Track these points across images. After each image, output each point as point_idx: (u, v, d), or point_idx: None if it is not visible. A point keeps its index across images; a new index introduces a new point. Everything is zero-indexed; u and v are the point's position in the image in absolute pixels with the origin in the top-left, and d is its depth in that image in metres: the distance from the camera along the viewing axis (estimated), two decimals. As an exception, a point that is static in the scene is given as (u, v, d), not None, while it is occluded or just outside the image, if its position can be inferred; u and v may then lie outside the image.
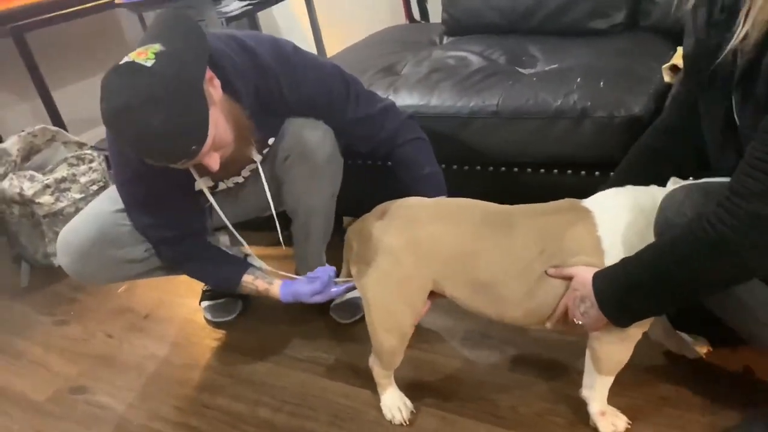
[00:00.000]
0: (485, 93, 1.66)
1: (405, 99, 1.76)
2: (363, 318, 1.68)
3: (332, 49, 2.86)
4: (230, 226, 1.54)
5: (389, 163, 1.57)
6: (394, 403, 1.38)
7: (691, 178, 1.18)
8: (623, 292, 1.05)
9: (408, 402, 1.39)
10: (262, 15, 3.35)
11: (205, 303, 1.87)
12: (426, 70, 1.88)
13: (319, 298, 1.45)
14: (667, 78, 1.63)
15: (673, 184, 1.15)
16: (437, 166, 1.54)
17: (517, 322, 1.23)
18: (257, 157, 1.48)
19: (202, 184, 1.44)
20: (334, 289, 1.44)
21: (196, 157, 1.21)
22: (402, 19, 3.01)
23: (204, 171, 1.33)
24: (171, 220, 1.49)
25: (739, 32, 0.93)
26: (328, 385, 1.53)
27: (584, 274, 1.11)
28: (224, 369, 1.65)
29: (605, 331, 1.14)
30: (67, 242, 1.49)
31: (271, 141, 1.52)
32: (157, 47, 1.16)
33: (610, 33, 1.93)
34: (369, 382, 1.47)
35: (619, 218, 1.14)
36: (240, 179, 1.57)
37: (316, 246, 1.66)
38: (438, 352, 1.55)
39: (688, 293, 1.02)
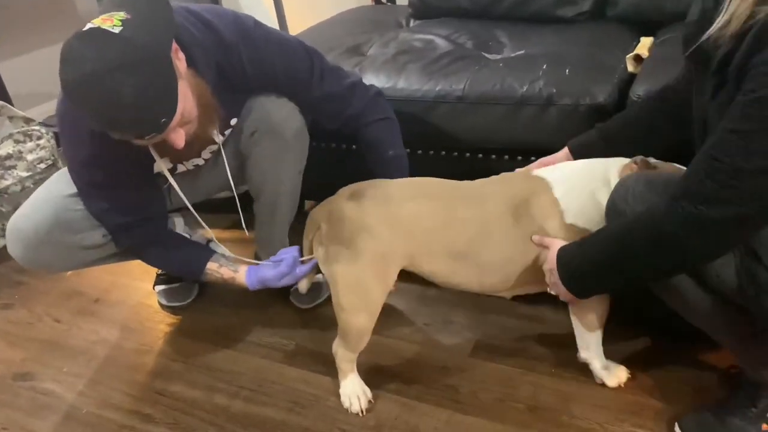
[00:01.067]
0: (452, 77, 1.64)
1: (371, 80, 1.72)
2: (323, 303, 1.68)
3: (296, 28, 2.79)
4: (192, 210, 1.48)
5: (355, 142, 1.53)
6: (354, 391, 1.36)
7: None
8: (579, 270, 1.12)
9: (368, 391, 1.37)
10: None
11: (160, 287, 1.81)
12: (392, 52, 1.85)
13: (287, 280, 1.42)
14: (630, 68, 1.64)
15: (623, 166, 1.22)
16: (402, 148, 1.52)
17: (495, 288, 1.31)
18: (219, 138, 1.43)
19: (162, 166, 1.37)
20: (300, 269, 1.41)
21: (163, 132, 1.15)
22: (368, 0, 2.96)
23: (164, 151, 1.28)
24: (129, 205, 1.42)
25: (719, 20, 0.93)
26: (286, 371, 1.50)
27: (555, 249, 1.18)
28: (178, 355, 1.60)
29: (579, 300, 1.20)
30: (19, 229, 1.41)
31: (233, 122, 1.46)
32: (123, 15, 1.10)
33: (576, 21, 1.94)
34: (329, 369, 1.45)
35: (571, 182, 1.24)
36: (200, 161, 1.51)
37: (281, 226, 1.61)
38: (399, 337, 1.54)
39: (635, 278, 1.09)
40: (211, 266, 1.48)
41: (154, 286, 1.82)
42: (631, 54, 1.66)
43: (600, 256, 1.08)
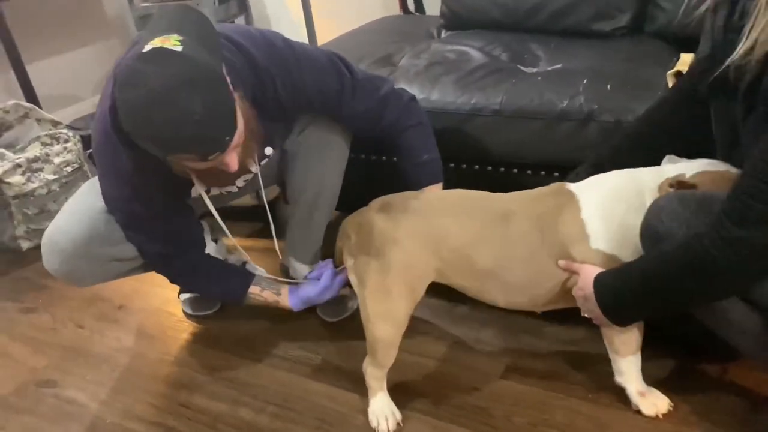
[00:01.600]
0: (488, 90, 1.61)
1: (403, 92, 1.69)
2: (350, 317, 1.65)
3: (323, 37, 2.78)
4: (228, 234, 1.45)
5: (386, 151, 1.55)
6: (382, 411, 1.32)
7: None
8: (620, 298, 1.11)
9: (396, 411, 1.33)
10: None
11: (185, 295, 1.79)
12: (425, 63, 1.82)
13: (329, 294, 1.43)
14: (671, 84, 1.60)
15: (668, 161, 1.22)
16: (436, 151, 1.51)
17: (523, 306, 1.30)
18: (255, 168, 1.41)
19: (201, 190, 1.35)
20: (338, 280, 1.41)
21: (225, 151, 1.13)
22: (396, 10, 2.94)
23: (204, 179, 1.30)
24: (169, 235, 1.41)
25: (740, 47, 0.95)
26: (312, 387, 1.46)
27: (588, 275, 1.16)
28: (203, 366, 1.57)
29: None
30: (55, 242, 1.39)
31: (268, 151, 1.45)
32: (177, 36, 1.09)
33: (613, 36, 1.90)
34: (356, 386, 1.42)
35: (602, 203, 1.19)
36: (234, 188, 1.52)
37: (318, 228, 1.59)
38: (428, 356, 1.50)
39: (680, 305, 1.08)
40: (254, 290, 1.48)
41: (179, 294, 1.80)
42: (672, 71, 1.62)
43: (642, 285, 1.06)
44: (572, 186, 1.25)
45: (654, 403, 1.26)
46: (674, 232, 1.03)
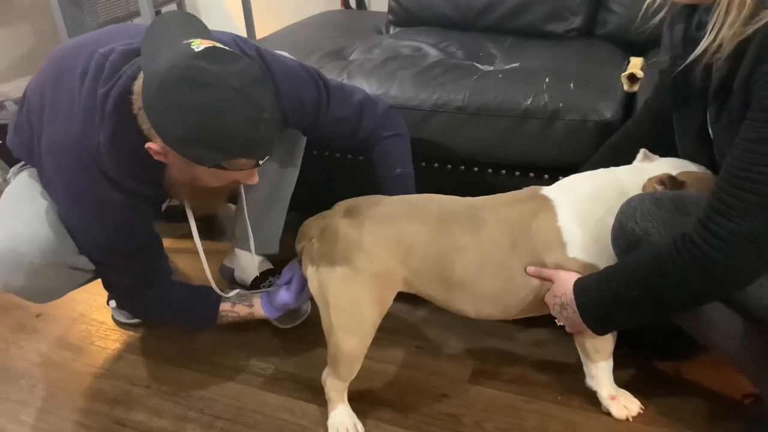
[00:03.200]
0: (449, 86, 1.56)
1: (361, 86, 1.61)
2: (304, 323, 1.54)
3: (262, 31, 2.65)
4: (206, 266, 1.37)
5: (358, 153, 1.52)
6: (343, 423, 1.23)
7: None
8: (606, 305, 1.06)
9: (359, 424, 1.24)
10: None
11: (115, 302, 1.62)
12: (380, 58, 1.75)
13: (303, 298, 1.36)
14: (626, 87, 1.62)
15: (643, 157, 1.20)
16: (410, 165, 1.45)
17: (495, 318, 1.24)
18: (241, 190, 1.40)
19: (189, 216, 1.31)
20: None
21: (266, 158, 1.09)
22: (337, 5, 2.86)
23: (195, 202, 1.29)
24: (144, 268, 1.31)
25: (705, 44, 0.94)
26: (267, 399, 1.35)
27: (564, 282, 1.12)
28: (140, 378, 1.42)
29: (587, 331, 1.14)
30: (20, 254, 1.20)
31: None
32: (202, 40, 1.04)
33: (564, 38, 1.91)
34: (314, 395, 1.33)
35: (579, 208, 1.14)
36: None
37: (279, 211, 1.55)
38: (390, 362, 1.43)
39: (672, 308, 1.05)
40: (224, 308, 1.38)
41: (108, 300, 1.63)
42: (625, 73, 1.64)
43: (630, 291, 1.01)
44: (546, 190, 1.19)
45: (625, 405, 1.24)
46: (651, 233, 1.01)
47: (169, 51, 1.01)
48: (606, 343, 1.20)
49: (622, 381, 1.29)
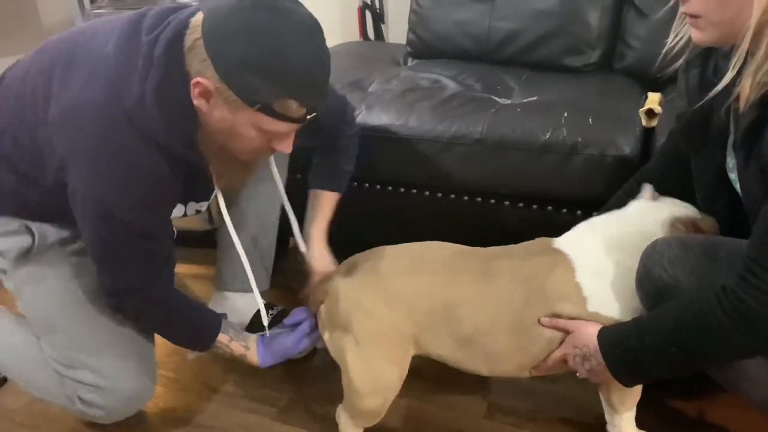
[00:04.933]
0: (468, 118, 1.57)
1: (380, 116, 1.64)
2: (319, 354, 1.54)
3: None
4: (243, 254, 1.30)
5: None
6: None
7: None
8: (637, 357, 1.01)
9: None
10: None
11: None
12: (399, 90, 1.77)
13: (306, 344, 1.28)
14: (644, 122, 1.62)
15: (649, 195, 1.15)
16: (353, 166, 1.48)
17: (508, 374, 1.18)
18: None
19: (219, 194, 1.26)
20: (317, 334, 1.25)
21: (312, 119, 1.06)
22: (355, 37, 2.90)
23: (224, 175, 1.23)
24: (157, 259, 1.20)
25: (724, 84, 0.92)
26: (279, 430, 1.34)
27: (585, 332, 1.07)
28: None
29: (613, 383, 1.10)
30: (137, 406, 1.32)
31: None
32: None
33: (582, 72, 1.92)
34: (328, 428, 1.31)
35: (597, 260, 1.10)
36: (203, 208, 1.36)
37: (269, 246, 1.53)
38: (406, 395, 1.37)
39: (713, 363, 1.02)
40: (222, 338, 1.28)
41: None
42: (643, 108, 1.64)
43: (665, 342, 0.97)
44: (559, 243, 1.14)
45: None
46: (680, 279, 0.98)
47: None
48: (633, 394, 1.16)
49: (640, 423, 1.26)
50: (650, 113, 1.64)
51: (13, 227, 1.24)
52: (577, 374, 1.12)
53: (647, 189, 1.17)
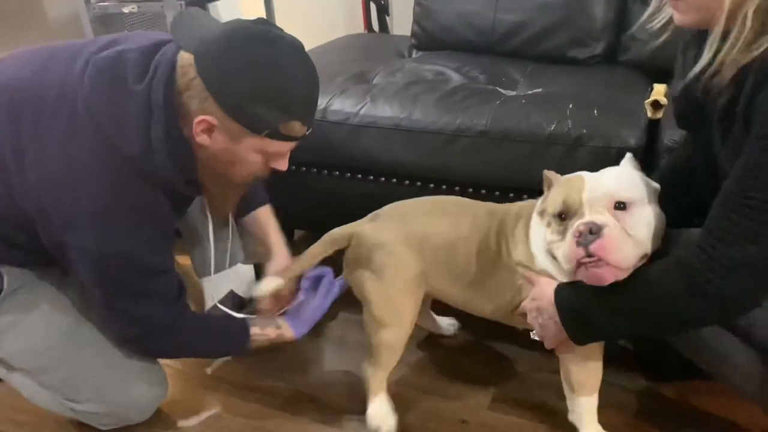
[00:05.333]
0: (472, 110, 1.56)
1: (384, 110, 1.63)
2: (323, 345, 1.55)
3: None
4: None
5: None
6: (379, 415, 1.28)
7: None
8: (589, 312, 1.04)
9: (393, 418, 1.29)
10: (212, 7, 3.12)
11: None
12: (403, 82, 1.77)
13: (330, 301, 1.34)
14: (649, 113, 1.62)
15: (624, 163, 1.17)
16: None
17: (501, 316, 1.25)
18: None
19: (210, 221, 1.32)
20: (339, 284, 1.33)
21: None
22: (359, 29, 2.90)
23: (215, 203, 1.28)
24: (176, 291, 1.21)
25: (700, 66, 0.93)
26: (286, 421, 1.35)
27: (545, 286, 1.11)
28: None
29: (568, 350, 1.14)
30: (130, 419, 1.31)
31: None
32: None
33: (587, 64, 1.92)
34: (334, 418, 1.33)
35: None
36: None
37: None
38: (411, 386, 1.42)
39: (666, 329, 1.04)
40: (255, 332, 1.29)
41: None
42: (649, 100, 1.64)
43: (621, 301, 1.00)
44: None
45: None
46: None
47: (216, 26, 1.03)
48: (591, 376, 1.17)
49: (616, 402, 1.29)
50: (656, 105, 1.63)
51: None
52: (531, 334, 1.16)
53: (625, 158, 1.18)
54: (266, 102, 1.02)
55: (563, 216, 1.04)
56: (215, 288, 1.51)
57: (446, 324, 1.55)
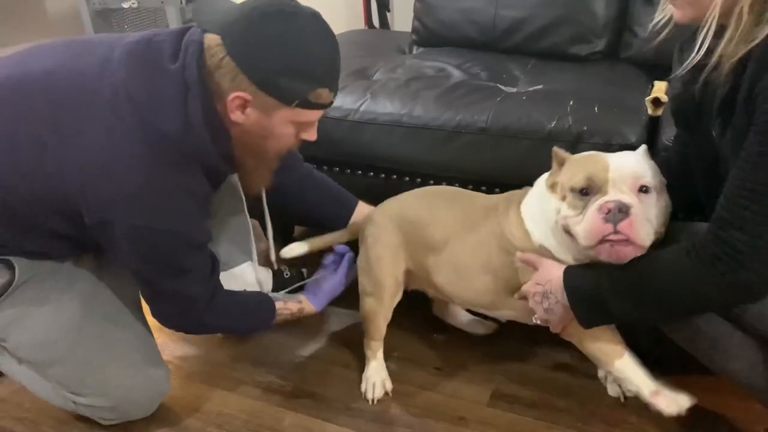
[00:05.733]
0: (473, 107, 1.56)
1: (385, 105, 1.63)
2: (322, 341, 1.56)
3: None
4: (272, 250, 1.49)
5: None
6: (372, 378, 1.39)
7: None
8: (600, 297, 1.04)
9: (388, 381, 1.39)
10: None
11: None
12: (404, 78, 1.77)
13: (350, 279, 1.45)
14: (650, 111, 1.61)
15: (644, 151, 1.16)
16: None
17: (479, 301, 1.29)
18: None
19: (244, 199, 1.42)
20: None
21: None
22: (360, 25, 2.89)
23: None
24: (211, 265, 1.24)
25: (695, 60, 0.95)
26: (286, 416, 1.35)
27: (551, 270, 1.11)
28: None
29: (576, 331, 1.13)
30: (131, 414, 1.33)
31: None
32: None
33: (588, 60, 1.92)
34: (333, 415, 1.34)
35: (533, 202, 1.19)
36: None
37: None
38: (411, 383, 1.42)
39: (678, 312, 1.05)
40: (279, 306, 1.37)
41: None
42: (649, 97, 1.64)
43: (631, 285, 1.01)
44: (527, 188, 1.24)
45: (674, 399, 1.12)
46: None
47: (235, 8, 1.07)
48: (610, 342, 1.15)
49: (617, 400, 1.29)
50: (656, 102, 1.63)
51: None
52: (533, 318, 1.15)
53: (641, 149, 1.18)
54: (295, 73, 1.06)
55: (585, 192, 1.04)
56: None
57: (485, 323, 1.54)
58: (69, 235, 1.17)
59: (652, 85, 1.71)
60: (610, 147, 1.43)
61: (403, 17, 2.75)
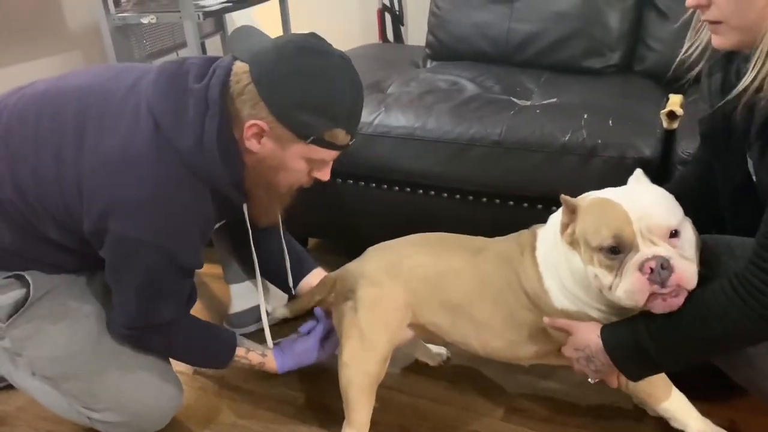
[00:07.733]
0: (487, 120, 1.57)
1: (398, 119, 1.65)
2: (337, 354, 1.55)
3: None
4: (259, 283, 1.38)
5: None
6: None
7: None
8: (644, 350, 1.01)
9: None
10: (228, 18, 3.17)
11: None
12: (417, 92, 1.78)
13: (324, 352, 1.34)
14: (665, 124, 1.61)
15: (636, 179, 1.12)
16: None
17: (502, 355, 1.20)
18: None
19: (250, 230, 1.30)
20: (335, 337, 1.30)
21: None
22: (374, 39, 2.92)
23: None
24: (189, 288, 1.23)
25: (745, 83, 0.93)
26: (299, 428, 1.35)
27: (585, 334, 1.07)
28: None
29: (626, 380, 1.11)
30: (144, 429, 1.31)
31: None
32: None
33: (603, 73, 1.92)
34: (348, 428, 1.32)
35: (548, 236, 1.11)
36: None
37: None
38: (424, 396, 1.42)
39: (717, 350, 1.02)
40: (240, 352, 1.31)
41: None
42: (664, 110, 1.63)
43: (675, 333, 0.97)
44: (538, 227, 1.16)
45: None
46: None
47: (269, 39, 1.10)
48: (655, 383, 1.14)
49: (658, 425, 1.25)
50: (671, 115, 1.63)
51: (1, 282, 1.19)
52: (589, 380, 1.12)
53: (636, 174, 1.14)
54: (313, 109, 1.06)
55: (614, 250, 0.98)
56: (244, 294, 1.57)
57: (434, 352, 1.49)
58: (73, 248, 1.18)
59: (667, 98, 1.71)
60: (624, 160, 1.43)
61: (416, 31, 2.77)
